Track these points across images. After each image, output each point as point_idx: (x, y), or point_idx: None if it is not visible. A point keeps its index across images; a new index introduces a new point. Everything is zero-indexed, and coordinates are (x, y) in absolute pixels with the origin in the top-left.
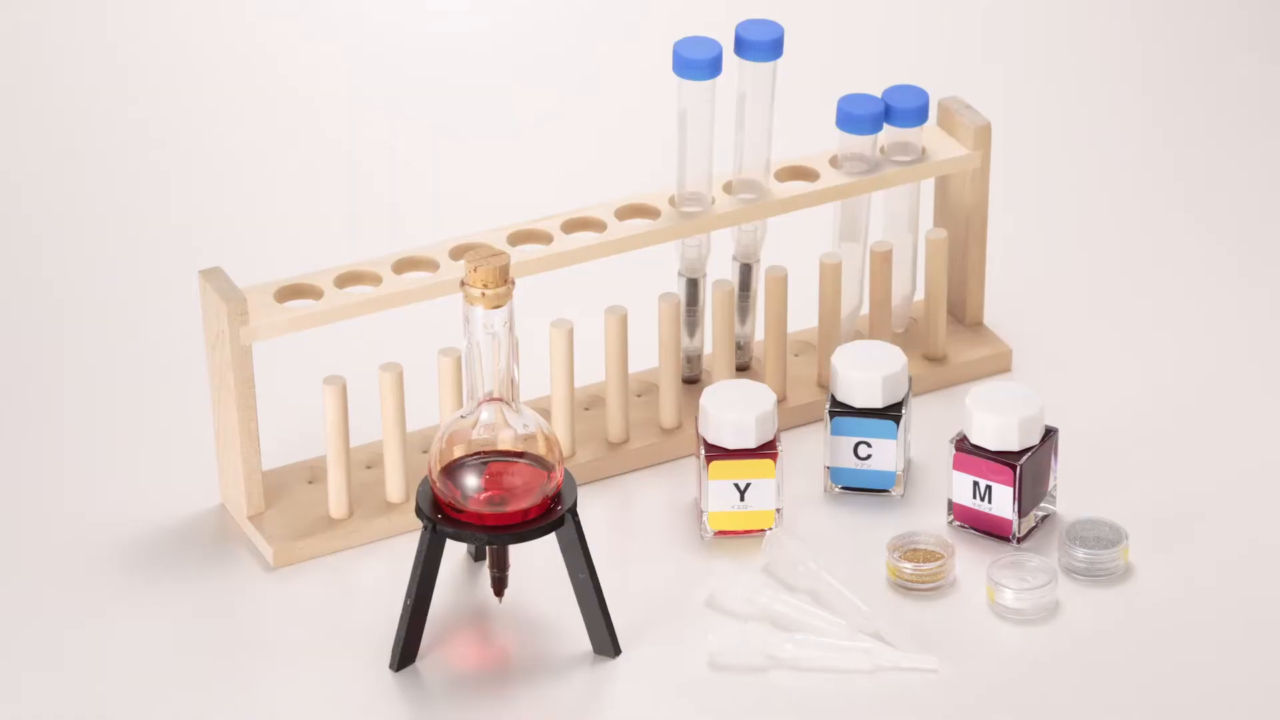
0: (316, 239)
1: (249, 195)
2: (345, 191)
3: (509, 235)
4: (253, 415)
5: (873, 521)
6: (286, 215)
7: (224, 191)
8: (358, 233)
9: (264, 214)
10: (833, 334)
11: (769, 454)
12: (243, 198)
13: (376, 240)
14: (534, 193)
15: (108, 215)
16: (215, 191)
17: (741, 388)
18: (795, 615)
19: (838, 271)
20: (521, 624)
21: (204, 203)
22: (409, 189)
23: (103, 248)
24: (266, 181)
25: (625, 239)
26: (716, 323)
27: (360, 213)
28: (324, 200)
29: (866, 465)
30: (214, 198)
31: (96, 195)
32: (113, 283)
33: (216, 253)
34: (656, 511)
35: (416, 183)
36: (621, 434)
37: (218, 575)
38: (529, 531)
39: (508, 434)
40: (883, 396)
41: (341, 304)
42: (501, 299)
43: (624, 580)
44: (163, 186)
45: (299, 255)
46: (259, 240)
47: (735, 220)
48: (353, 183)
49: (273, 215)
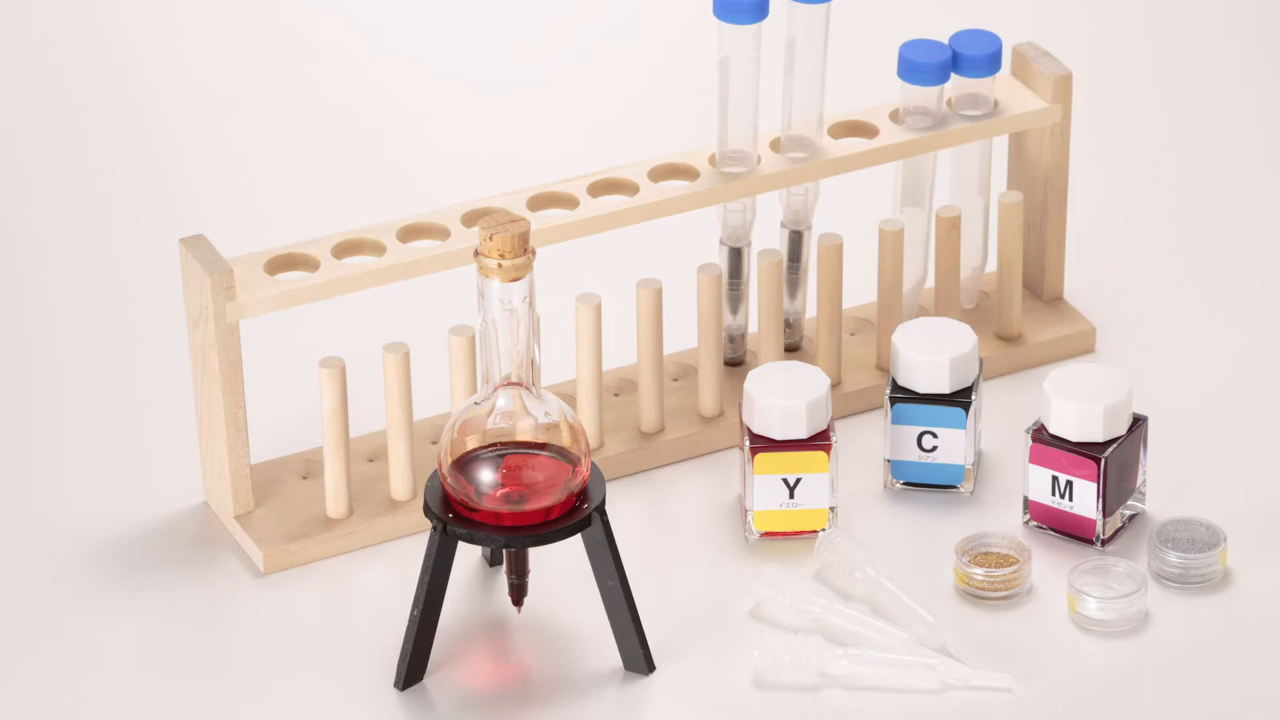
0: (312, 203)
1: (235, 153)
2: (344, 149)
3: (529, 199)
4: (240, 402)
5: (939, 522)
6: (278, 176)
7: (207, 150)
8: (359, 196)
9: (252, 174)
10: (893, 310)
11: (822, 445)
12: (228, 156)
13: (380, 205)
14: (557, 151)
15: (75, 176)
16: (197, 149)
17: (791, 371)
18: (851, 627)
19: (899, 240)
20: (543, 637)
21: (185, 162)
22: (416, 146)
23: (71, 213)
24: (255, 137)
25: (660, 203)
26: (763, 297)
27: (361, 173)
28: (320, 159)
29: (932, 458)
30: (196, 156)
31: (62, 155)
32: (82, 252)
33: (199, 219)
34: (695, 510)
35: (425, 139)
36: (656, 423)
37: (200, 582)
38: (551, 533)
39: (527, 423)
40: (950, 380)
41: (340, 276)
42: (520, 270)
43: (658, 588)
44: (138, 144)
45: (292, 222)
46: (247, 205)
47: (784, 182)
48: (353, 139)
49: (262, 176)
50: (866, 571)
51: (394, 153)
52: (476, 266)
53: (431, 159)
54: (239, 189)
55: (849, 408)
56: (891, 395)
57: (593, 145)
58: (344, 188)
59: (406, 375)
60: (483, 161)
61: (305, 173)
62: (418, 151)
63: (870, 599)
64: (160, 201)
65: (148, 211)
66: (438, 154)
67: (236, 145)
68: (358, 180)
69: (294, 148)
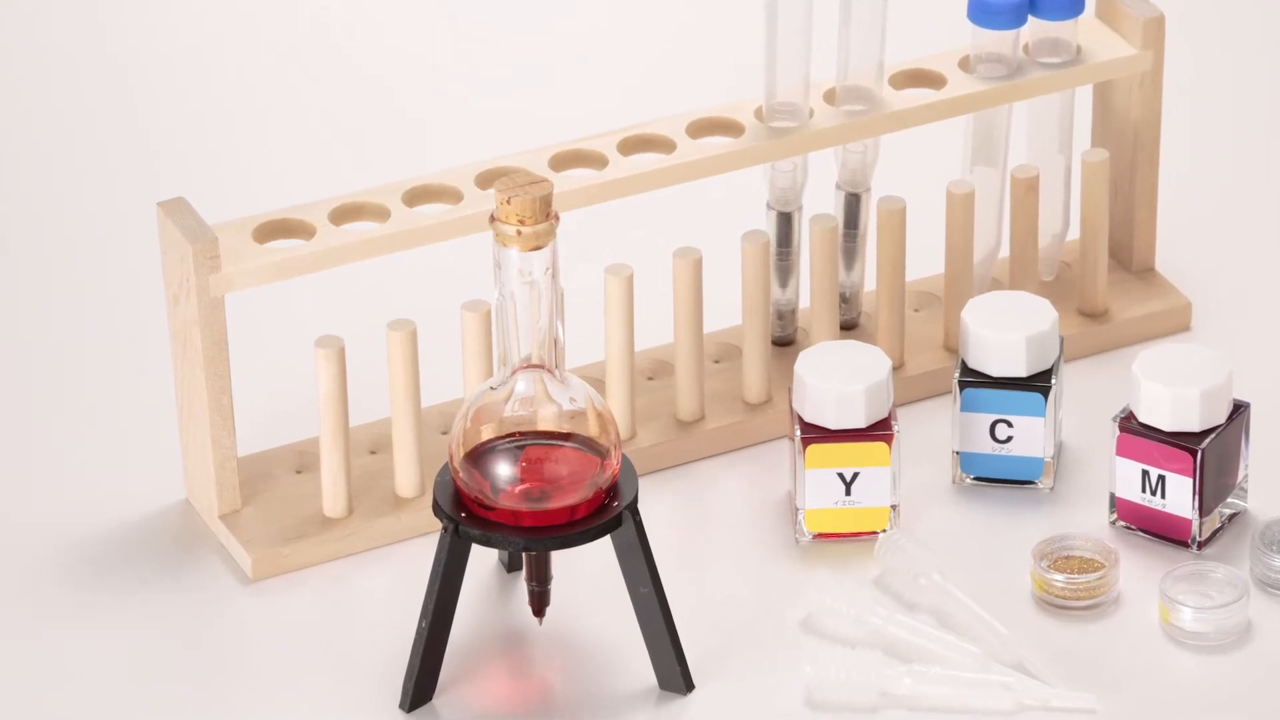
0: (307, 162)
1: (219, 106)
2: (343, 101)
3: (551, 157)
4: (226, 387)
5: (1014, 522)
6: (268, 132)
7: (188, 103)
8: (359, 155)
9: (239, 130)
10: (963, 283)
11: (882, 436)
12: (211, 109)
13: (384, 164)
14: (584, 104)
15: (39, 132)
16: (177, 102)
17: (847, 351)
18: (915, 640)
19: (969, 203)
20: (567, 651)
21: (162, 116)
22: (425, 98)
23: (34, 173)
24: (242, 88)
25: (699, 162)
26: (815, 269)
27: (363, 128)
28: (316, 112)
29: (1006, 450)
30: (175, 110)
31: (25, 108)
32: (48, 218)
33: (179, 180)
34: (739, 509)
35: (435, 90)
36: (694, 410)
37: (181, 590)
38: (577, 534)
39: (550, 410)
40: (1027, 362)
41: (338, 245)
42: (542, 238)
43: (698, 596)
44: (110, 96)
45: (285, 183)
46: (233, 164)
47: (839, 138)
48: (354, 89)
49: (250, 132)
50: (933, 578)
51: (400, 105)
52: (492, 234)
53: (442, 112)
54: (224, 146)
55: (913, 393)
56: (961, 379)
57: (624, 97)
58: (343, 145)
59: (414, 356)
60: (499, 116)
61: (299, 128)
62: (426, 104)
63: (937, 609)
64: (135, 161)
65: (121, 172)
66: (449, 107)
67: (220, 97)
68: (358, 137)
69: (286, 100)
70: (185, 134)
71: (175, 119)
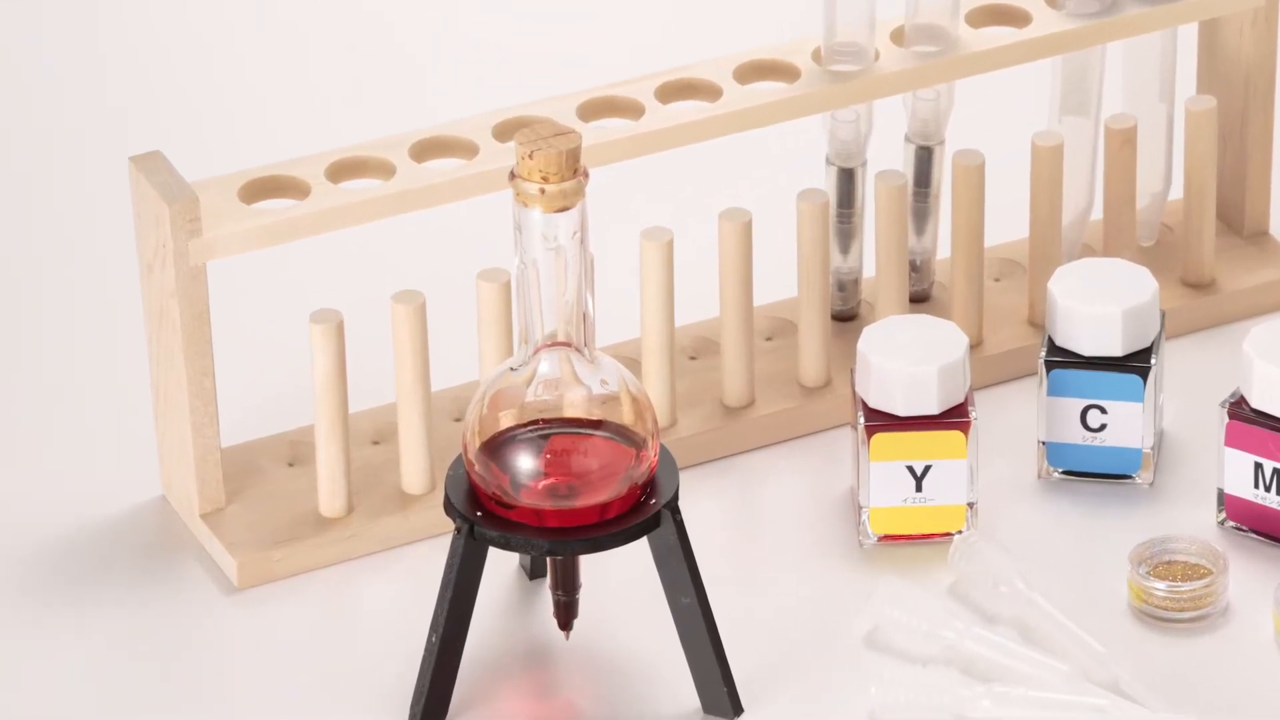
0: (301, 111)
1: (200, 47)
2: (342, 41)
3: (580, 105)
4: (208, 368)
5: (1109, 522)
6: (256, 76)
7: (164, 44)
8: (361, 102)
9: (223, 74)
10: (1050, 249)
11: (958, 424)
12: (191, 51)
13: (389, 113)
14: (617, 44)
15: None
16: (152, 44)
17: (918, 327)
18: (995, 657)
19: (1058, 158)
20: (597, 671)
21: (137, 59)
22: (436, 38)
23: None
24: (226, 27)
25: (748, 111)
26: (881, 233)
27: (365, 73)
28: (312, 54)
29: (1100, 440)
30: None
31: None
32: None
33: (155, 132)
34: (794, 508)
35: (447, 30)
36: (743, 394)
37: (156, 601)
38: (609, 536)
39: (578, 394)
40: (1123, 340)
41: (337, 205)
42: (569, 198)
43: (747, 608)
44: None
45: (275, 135)
46: (217, 113)
47: (909, 84)
48: (354, 29)
49: (235, 76)
50: (1015, 586)
51: (406, 45)
52: (512, 193)
53: (454, 53)
54: (205, 93)
55: (992, 375)
56: (1048, 359)
57: (663, 37)
58: (341, 91)
59: (423, 333)
60: (520, 57)
61: (291, 71)
62: (437, 44)
63: (1020, 621)
64: (105, 109)
65: (86, 123)
66: (462, 47)
67: (200, 35)
68: (359, 81)
69: (276, 39)
70: (160, 78)
71: (148, 61)
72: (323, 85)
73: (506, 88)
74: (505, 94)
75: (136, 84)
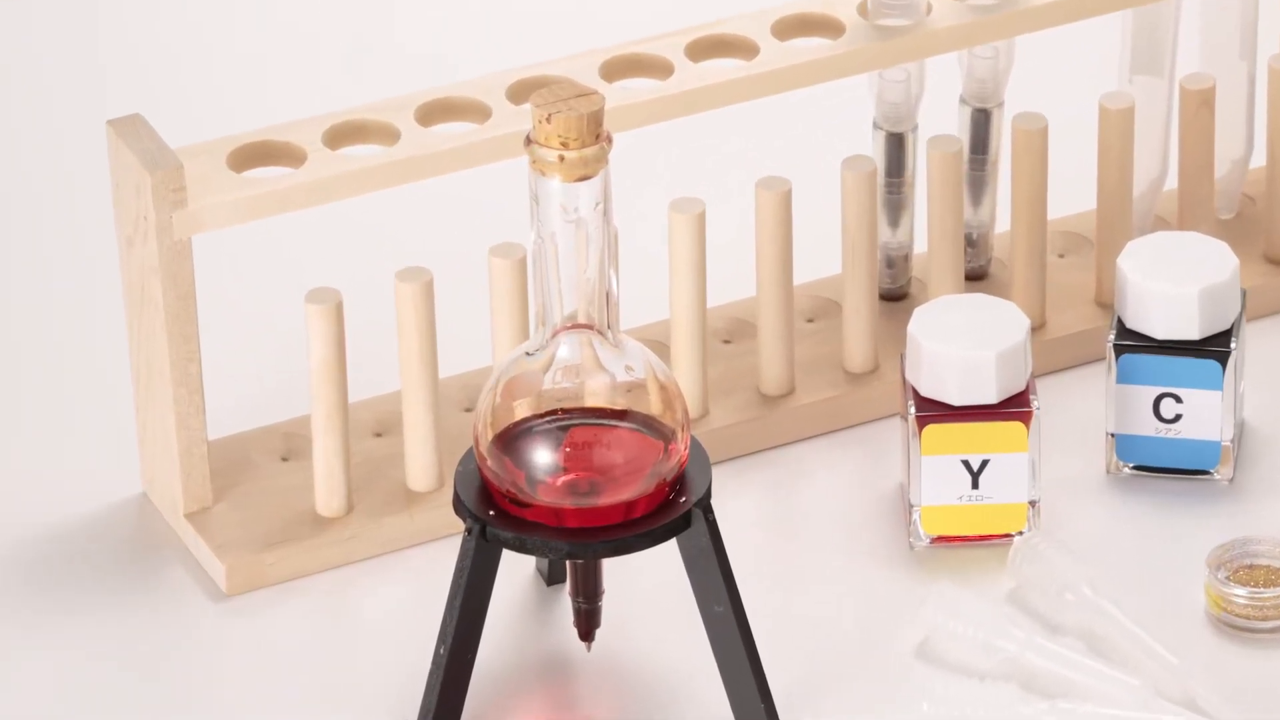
0: (296, 71)
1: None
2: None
3: (603, 64)
4: (194, 353)
5: (1184, 523)
6: (245, 32)
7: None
8: (362, 60)
9: (210, 32)
10: (1119, 221)
11: (1018, 414)
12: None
13: (393, 73)
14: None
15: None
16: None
17: (974, 308)
18: (1059, 670)
19: (1128, 121)
20: (622, 685)
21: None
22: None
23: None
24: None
25: (787, 70)
26: (934, 204)
27: (366, 27)
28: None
29: (1174, 432)
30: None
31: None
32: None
33: (136, 94)
34: (838, 506)
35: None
36: (782, 382)
37: (136, 608)
38: (635, 538)
39: (600, 382)
40: (1200, 322)
41: (335, 174)
42: (590, 166)
43: (787, 616)
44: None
45: (268, 96)
46: (203, 74)
47: (965, 40)
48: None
49: (223, 33)
50: (1082, 592)
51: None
52: (529, 160)
53: (465, 8)
54: (191, 50)
55: (1056, 360)
56: (1117, 343)
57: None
58: (341, 49)
59: (429, 314)
60: (537, 13)
61: (286, 27)
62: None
63: (1087, 631)
64: (80, 67)
65: (61, 82)
66: (473, 1)
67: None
68: (361, 38)
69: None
70: (139, 32)
71: (126, 13)
72: (320, 42)
73: (522, 44)
74: (521, 51)
75: (114, 39)
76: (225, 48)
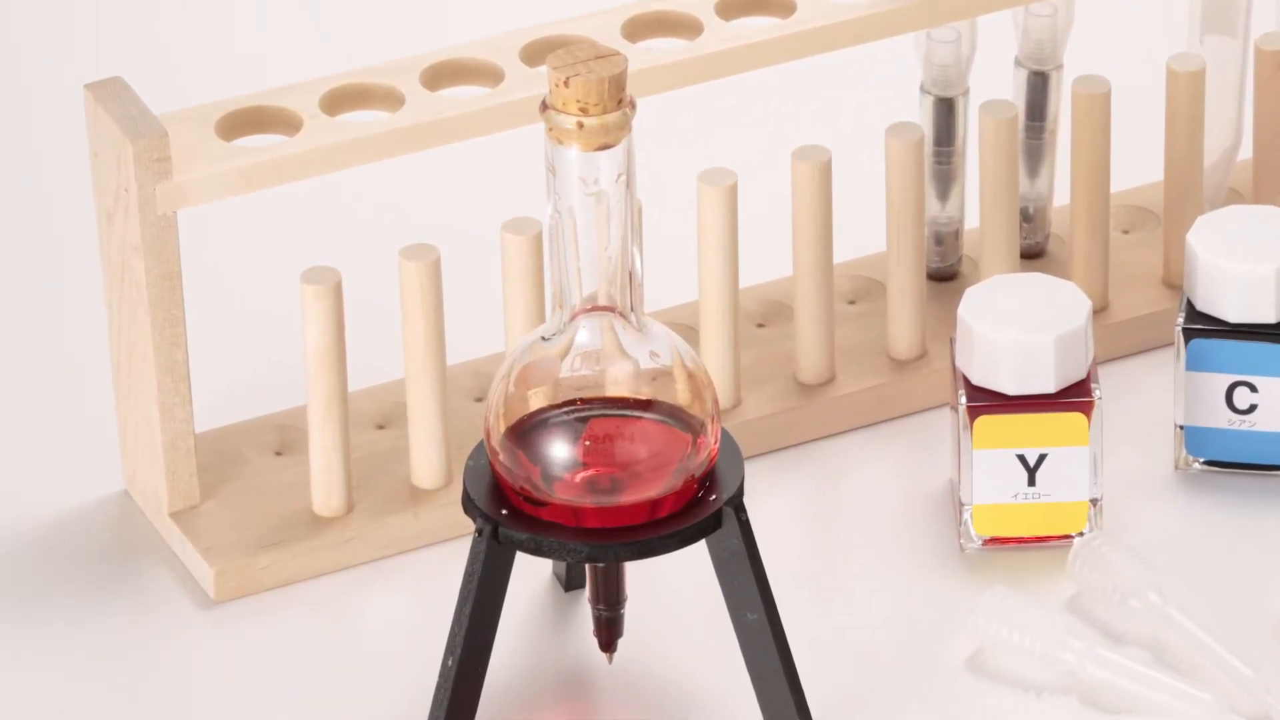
0: (291, 30)
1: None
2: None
3: (625, 23)
4: (180, 338)
5: (1260, 523)
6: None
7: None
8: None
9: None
10: (1189, 195)
11: (1079, 405)
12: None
13: (396, 33)
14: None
15: None
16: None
17: (1030, 289)
18: (1123, 684)
19: (1199, 85)
20: (646, 698)
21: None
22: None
23: None
24: None
25: (825, 29)
26: (986, 176)
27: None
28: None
29: (1249, 424)
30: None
31: None
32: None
33: (117, 56)
34: (881, 504)
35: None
36: (821, 369)
37: (118, 615)
38: (660, 539)
39: (623, 369)
40: (1278, 304)
41: (333, 142)
42: (612, 133)
43: (825, 623)
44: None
45: (261, 59)
46: (188, 33)
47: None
48: None
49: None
50: (1148, 599)
51: None
52: (545, 127)
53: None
54: (176, 7)
55: (1120, 346)
56: (1186, 327)
57: None
58: (340, 5)
59: (436, 295)
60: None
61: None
62: None
63: (1153, 640)
64: (55, 27)
65: (35, 42)
66: None
67: None
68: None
69: None
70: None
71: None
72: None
73: (538, 1)
74: (536, 8)
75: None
76: (214, 4)
